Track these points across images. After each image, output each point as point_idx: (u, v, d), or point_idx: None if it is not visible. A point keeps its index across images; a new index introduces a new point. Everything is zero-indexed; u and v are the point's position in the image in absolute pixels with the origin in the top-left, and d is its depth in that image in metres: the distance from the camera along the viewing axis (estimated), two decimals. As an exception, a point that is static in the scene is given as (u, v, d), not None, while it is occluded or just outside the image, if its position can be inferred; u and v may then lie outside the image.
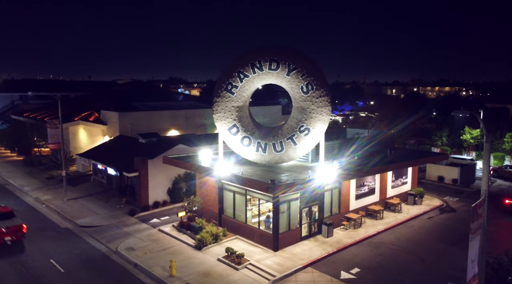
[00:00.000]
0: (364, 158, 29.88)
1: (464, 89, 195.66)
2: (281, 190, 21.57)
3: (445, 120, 65.12)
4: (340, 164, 26.57)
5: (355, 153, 29.92)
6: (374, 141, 30.93)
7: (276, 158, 25.56)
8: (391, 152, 33.48)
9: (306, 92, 24.52)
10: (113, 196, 34.91)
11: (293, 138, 25.01)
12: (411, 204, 32.68)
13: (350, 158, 28.17)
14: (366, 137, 34.53)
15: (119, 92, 68.80)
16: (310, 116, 24.68)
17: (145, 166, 31.58)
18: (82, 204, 33.33)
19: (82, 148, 49.00)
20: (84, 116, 50.80)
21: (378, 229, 27.26)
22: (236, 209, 26.19)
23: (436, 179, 41.24)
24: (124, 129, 47.14)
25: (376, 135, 35.17)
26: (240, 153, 26.28)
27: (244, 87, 25.19)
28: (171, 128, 52.32)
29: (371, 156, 30.69)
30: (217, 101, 25.65)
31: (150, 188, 32.13)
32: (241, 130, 25.61)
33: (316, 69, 24.89)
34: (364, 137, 34.54)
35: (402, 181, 33.29)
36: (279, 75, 24.58)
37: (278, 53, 24.47)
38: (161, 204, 32.48)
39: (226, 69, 25.53)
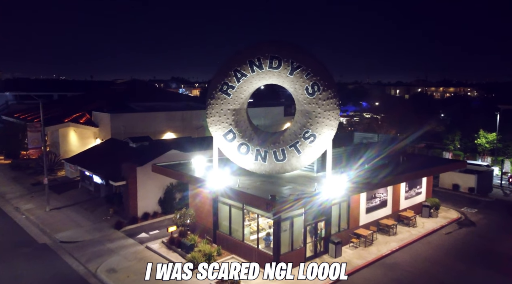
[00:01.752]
0: (376, 166, 26.91)
1: (469, 90, 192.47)
2: (282, 208, 18.67)
3: (455, 122, 62.12)
4: (350, 175, 23.65)
5: (365, 162, 26.98)
6: (387, 149, 27.95)
7: (278, 168, 22.67)
8: (404, 159, 30.50)
9: (311, 93, 21.62)
10: (100, 205, 32.06)
11: (297, 146, 22.10)
12: (426, 217, 29.72)
13: (360, 168, 25.19)
14: (376, 142, 31.60)
15: (116, 92, 65.99)
16: (316, 121, 21.78)
17: (133, 174, 28.73)
18: (66, 214, 30.52)
19: (73, 151, 46.28)
20: (74, 117, 48.05)
21: (392, 248, 24.33)
22: (232, 224, 23.30)
23: (450, 187, 38.25)
24: (116, 131, 44.34)
25: (386, 140, 32.26)
26: (237, 162, 23.41)
27: (242, 87, 22.31)
28: (167, 131, 49.49)
29: (383, 164, 27.72)
30: (211, 104, 22.78)
31: (139, 198, 29.28)
32: (238, 136, 22.73)
33: (322, 67, 21.99)
34: (374, 143, 31.63)
35: (416, 192, 30.33)
36: (281, 74, 21.69)
37: (279, 50, 21.57)
38: (151, 215, 29.62)
39: (221, 68, 22.66)
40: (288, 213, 20.47)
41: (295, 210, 20.60)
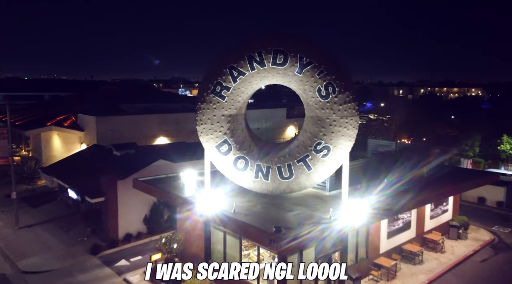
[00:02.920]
0: (397, 181, 22.76)
1: (473, 90, 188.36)
2: (289, 245, 14.52)
3: (468, 125, 57.99)
4: (369, 194, 19.54)
5: (385, 176, 22.88)
6: (410, 162, 23.77)
7: (283, 187, 18.54)
8: (428, 171, 26.32)
9: (325, 96, 17.48)
10: (78, 223, 27.98)
11: (306, 161, 17.97)
12: (454, 239, 25.58)
13: (382, 186, 20.99)
14: (395, 152, 27.49)
15: (107, 92, 61.87)
16: (331, 130, 17.64)
17: (113, 189, 24.62)
18: (37, 234, 26.44)
19: (57, 158, 42.19)
20: (58, 120, 43.95)
21: (420, 281, 20.19)
22: (227, 255, 19.18)
23: (474, 200, 34.09)
24: (103, 136, 40.16)
25: (406, 149, 28.18)
26: (233, 179, 19.27)
27: (239, 88, 18.16)
28: (160, 135, 45.36)
29: (405, 178, 23.57)
30: (201, 108, 18.64)
31: (121, 217, 25.17)
32: (234, 148, 18.60)
33: (338, 64, 17.84)
34: (392, 152, 27.54)
35: (443, 209, 26.18)
36: (287, 72, 17.55)
37: (285, 42, 17.43)
38: (134, 236, 25.53)
39: (214, 65, 18.52)
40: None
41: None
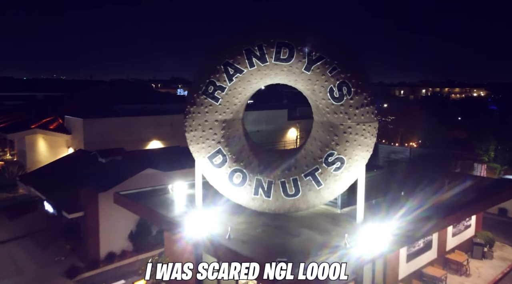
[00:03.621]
0: (419, 206, 19.79)
1: (475, 91, 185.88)
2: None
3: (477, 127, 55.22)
4: (387, 212, 16.67)
5: (402, 191, 20.02)
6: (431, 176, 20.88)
7: (287, 206, 15.65)
8: (449, 183, 23.43)
9: (338, 97, 14.59)
10: (57, 238, 25.03)
11: (316, 175, 15.08)
12: (479, 258, 22.71)
13: (403, 211, 17.97)
14: (410, 159, 24.66)
15: (99, 93, 58.96)
16: (345, 139, 14.75)
17: (94, 202, 21.72)
18: (9, 252, 23.55)
19: (43, 163, 39.24)
20: (44, 123, 40.98)
21: (447, 315, 17.35)
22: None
23: (495, 211, 31.16)
24: (91, 140, 37.25)
25: (421, 155, 25.35)
26: (229, 196, 16.39)
27: (235, 89, 15.28)
28: (153, 138, 42.41)
29: (423, 193, 20.70)
30: (191, 112, 15.76)
31: (103, 233, 22.28)
32: (229, 160, 15.71)
33: (354, 60, 14.95)
34: (406, 159, 24.74)
35: (465, 225, 23.31)
36: (293, 70, 14.66)
37: (291, 34, 14.54)
38: (118, 255, 22.62)
39: (206, 61, 15.63)
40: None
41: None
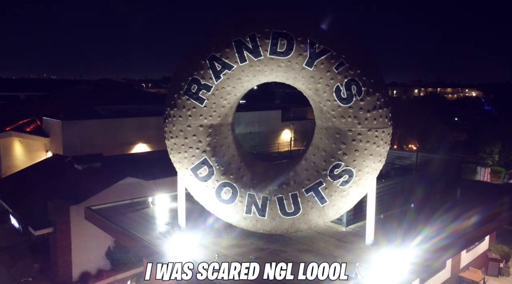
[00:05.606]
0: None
1: (467, 91, 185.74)
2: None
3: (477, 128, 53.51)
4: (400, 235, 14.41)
5: (411, 200, 17.84)
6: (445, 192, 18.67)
7: (285, 226, 13.27)
8: (461, 192, 21.28)
9: (346, 98, 12.22)
10: (25, 256, 22.47)
11: (319, 190, 12.72)
12: (495, 275, 20.60)
13: (419, 240, 15.67)
14: (416, 166, 22.49)
15: (81, 93, 56.01)
16: (354, 147, 12.41)
17: (65, 217, 19.18)
18: (-30, 273, 20.91)
19: (19, 168, 36.60)
20: (20, 125, 38.18)
21: None
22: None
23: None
24: (70, 144, 34.64)
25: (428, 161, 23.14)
26: (216, 214, 13.96)
27: (223, 88, 12.83)
28: (138, 142, 39.90)
29: (435, 203, 18.54)
30: (171, 116, 13.29)
31: (75, 251, 19.74)
32: (217, 172, 13.28)
33: (364, 54, 12.61)
34: (412, 166, 22.55)
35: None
36: (292, 65, 12.24)
37: (290, 22, 12.13)
38: (93, 276, 20.11)
39: (189, 55, 13.17)
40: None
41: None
